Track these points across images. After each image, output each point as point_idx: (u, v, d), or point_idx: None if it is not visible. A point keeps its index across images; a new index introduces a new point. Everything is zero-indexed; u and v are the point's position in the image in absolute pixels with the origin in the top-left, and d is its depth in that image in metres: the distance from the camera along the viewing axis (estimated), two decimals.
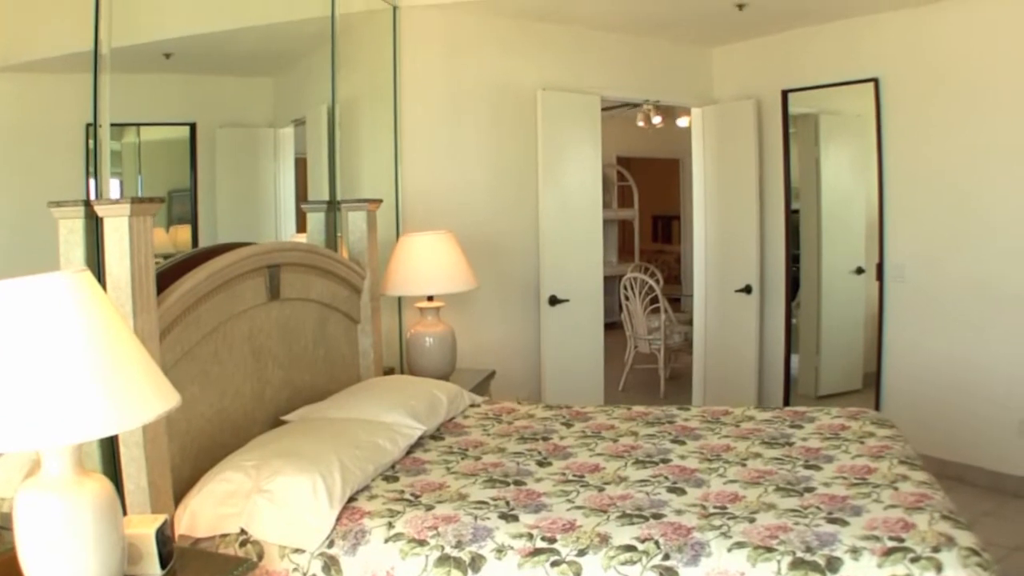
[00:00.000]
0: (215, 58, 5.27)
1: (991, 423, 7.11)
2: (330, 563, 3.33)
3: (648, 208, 17.85)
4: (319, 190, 5.98)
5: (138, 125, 4.58)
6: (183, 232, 4.92)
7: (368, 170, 6.63)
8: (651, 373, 11.28)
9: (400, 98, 6.82)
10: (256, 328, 4.49)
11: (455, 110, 7.17)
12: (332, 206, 5.82)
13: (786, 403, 8.62)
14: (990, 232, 7.11)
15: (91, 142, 3.74)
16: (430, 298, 6.26)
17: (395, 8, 6.80)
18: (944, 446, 7.29)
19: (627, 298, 11.20)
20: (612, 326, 11.66)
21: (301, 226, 5.83)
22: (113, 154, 4.02)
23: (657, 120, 11.76)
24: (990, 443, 7.12)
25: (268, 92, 5.76)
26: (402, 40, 6.86)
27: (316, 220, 5.74)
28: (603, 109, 8.19)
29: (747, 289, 8.70)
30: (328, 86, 5.97)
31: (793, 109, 8.57)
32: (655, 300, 10.92)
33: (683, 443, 4.55)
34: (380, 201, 5.93)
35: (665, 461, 4.23)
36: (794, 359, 8.98)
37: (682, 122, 10.86)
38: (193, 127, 4.92)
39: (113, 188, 4.13)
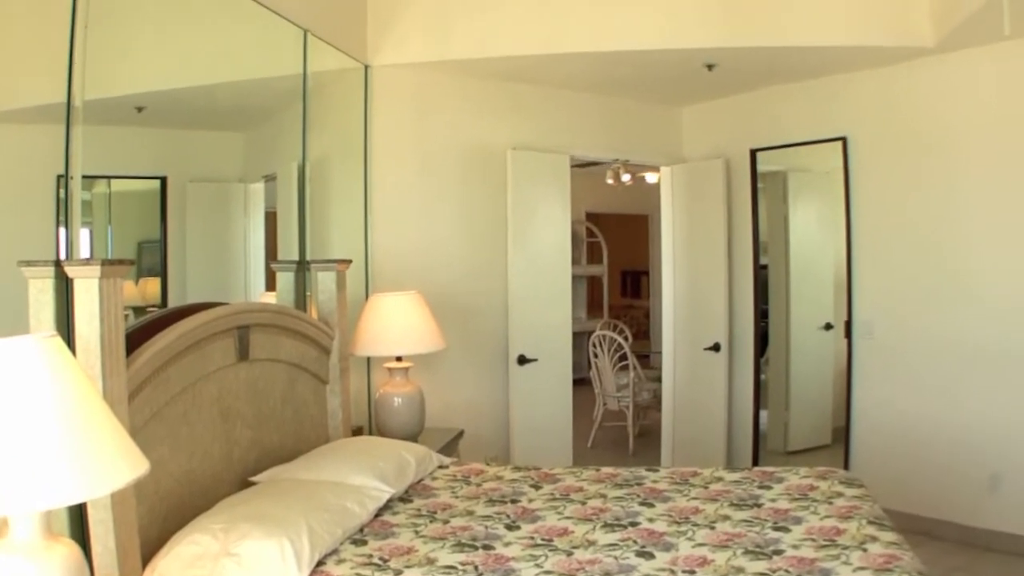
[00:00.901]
0: (187, 112, 5.29)
1: (961, 478, 7.14)
2: None
3: (617, 263, 17.90)
4: (289, 247, 5.98)
5: (109, 178, 4.58)
6: (152, 285, 4.90)
7: (338, 228, 6.64)
8: (620, 430, 11.27)
9: (371, 156, 6.85)
10: (225, 389, 4.48)
11: (425, 169, 7.21)
12: (301, 266, 5.82)
13: (755, 459, 8.66)
14: (958, 289, 7.19)
15: (62, 192, 3.73)
16: (399, 358, 6.26)
17: (367, 67, 6.85)
18: (914, 501, 7.32)
19: (596, 355, 11.20)
20: (581, 382, 11.68)
21: (271, 283, 5.82)
22: (84, 203, 4.02)
23: (626, 178, 11.81)
24: (960, 498, 7.14)
25: (239, 147, 5.76)
26: (373, 99, 6.90)
27: (285, 279, 5.74)
28: (573, 166, 8.23)
29: (716, 347, 8.72)
30: (299, 143, 5.99)
31: (762, 167, 8.64)
32: (624, 357, 10.92)
33: (652, 505, 4.54)
34: (349, 262, 5.94)
35: (634, 524, 4.23)
36: (763, 415, 8.99)
37: (651, 178, 10.93)
38: (164, 180, 4.92)
39: (83, 238, 4.12)
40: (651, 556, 3.74)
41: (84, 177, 3.86)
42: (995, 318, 6.98)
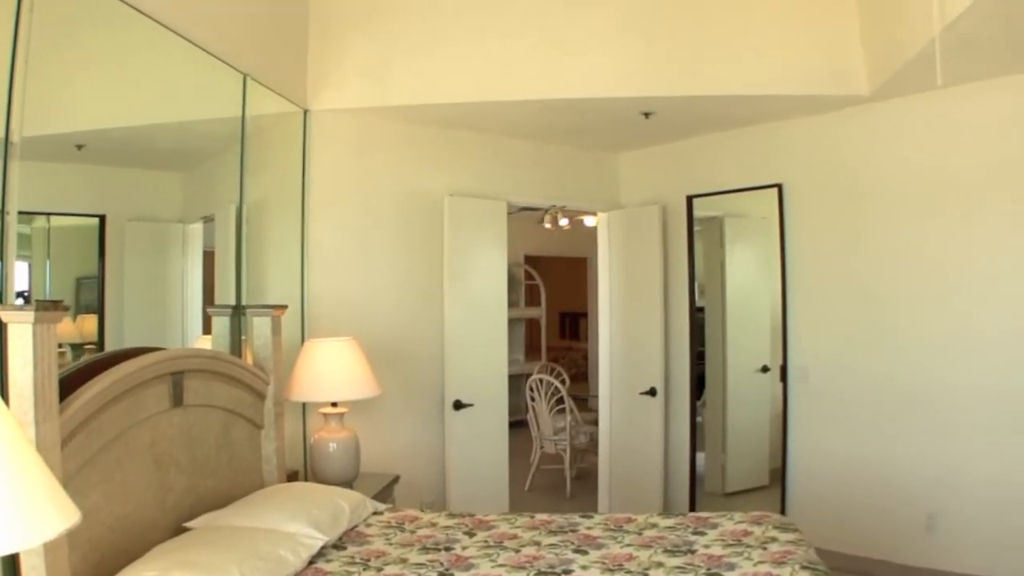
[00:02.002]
0: (127, 152, 5.27)
1: (898, 518, 7.23)
2: None
3: (556, 305, 17.94)
4: (226, 289, 5.96)
5: (48, 214, 4.56)
6: (90, 322, 4.86)
7: (275, 272, 6.63)
8: (558, 473, 11.26)
9: (308, 201, 6.86)
10: (159, 435, 4.45)
11: (363, 214, 7.23)
12: (237, 310, 5.81)
13: (692, 502, 8.68)
14: (891, 334, 7.31)
15: None
16: (334, 404, 6.24)
17: (306, 112, 6.87)
18: (853, 542, 7.42)
19: (533, 399, 11.20)
20: (519, 424, 11.68)
21: (208, 325, 5.80)
22: (22, 237, 4.00)
23: (564, 222, 11.85)
24: (898, 538, 7.23)
25: (179, 188, 5.74)
26: (312, 143, 6.92)
27: (221, 324, 5.73)
28: (511, 211, 8.25)
29: (652, 392, 8.76)
30: (237, 186, 5.99)
31: (699, 212, 8.72)
32: (561, 400, 10.93)
33: (586, 553, 4.56)
34: (285, 307, 5.92)
35: (567, 572, 4.24)
36: (701, 456, 9.04)
37: (589, 221, 10.96)
38: (103, 219, 4.91)
39: (22, 271, 4.10)
40: None
41: (22, 213, 3.85)
42: (927, 362, 7.11)
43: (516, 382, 11.55)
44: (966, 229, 6.89)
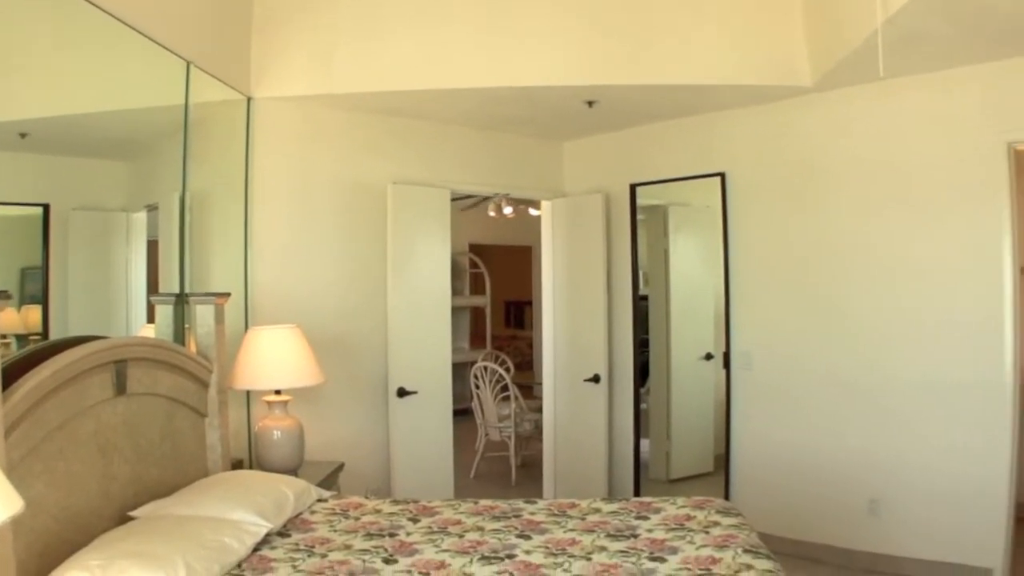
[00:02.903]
0: (71, 140, 5.25)
1: (841, 503, 7.32)
2: None
3: (501, 294, 17.94)
4: (170, 278, 5.95)
5: None
6: (34, 313, 4.85)
7: (219, 261, 6.61)
8: (503, 461, 11.30)
9: (251, 189, 6.83)
10: (103, 424, 4.44)
11: (306, 203, 7.21)
12: (180, 299, 5.79)
13: (637, 488, 8.73)
14: (832, 322, 7.40)
15: None
16: (278, 392, 6.24)
17: (249, 100, 6.84)
18: (796, 527, 7.50)
19: (478, 386, 11.21)
20: (464, 413, 11.70)
21: (152, 314, 5.78)
22: None
23: (508, 211, 11.87)
24: (841, 522, 7.32)
25: (123, 176, 5.72)
26: (256, 131, 6.89)
27: (164, 312, 5.70)
28: (456, 199, 8.26)
29: (595, 378, 8.80)
30: (181, 174, 5.97)
31: (642, 200, 8.76)
32: (506, 388, 10.96)
33: (529, 538, 4.59)
34: (228, 295, 5.91)
35: (511, 557, 4.27)
36: (645, 443, 9.08)
37: (534, 211, 10.98)
38: (47, 208, 4.89)
39: None
40: None
41: None
42: (869, 351, 7.19)
43: (461, 370, 11.57)
44: (908, 220, 6.97)
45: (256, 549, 4.33)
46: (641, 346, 9.00)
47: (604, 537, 4.58)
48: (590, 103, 7.55)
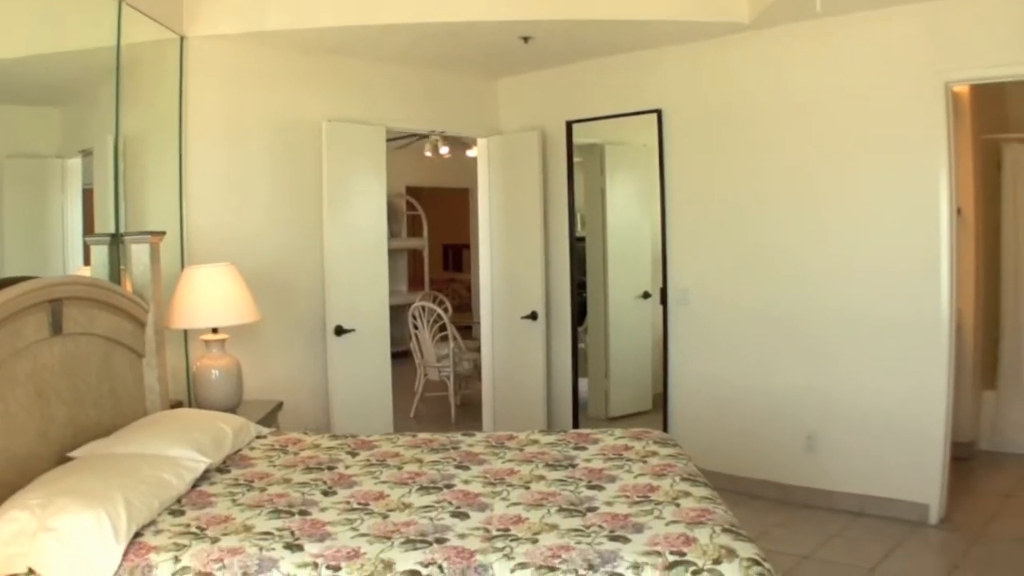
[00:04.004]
0: (2, 86, 5.20)
1: (779, 439, 7.44)
2: None
3: (439, 237, 17.96)
4: (106, 223, 5.92)
5: None
6: None
7: (154, 202, 6.57)
8: (442, 401, 11.35)
9: (185, 129, 6.78)
10: (39, 365, 4.42)
11: (241, 142, 7.16)
12: (116, 239, 5.76)
13: (575, 425, 8.76)
14: (771, 258, 7.48)
15: None
16: (215, 331, 6.25)
17: (182, 39, 6.77)
18: (734, 463, 7.62)
19: (416, 327, 11.25)
20: (403, 355, 11.71)
21: (88, 258, 5.75)
22: None
23: (444, 151, 11.86)
24: (778, 458, 7.44)
25: (57, 122, 5.69)
26: (188, 71, 6.82)
27: (99, 253, 5.67)
28: (392, 140, 8.23)
29: (533, 316, 8.85)
30: (114, 117, 5.92)
31: (579, 139, 8.78)
32: (444, 328, 11.00)
33: (467, 468, 4.64)
34: (163, 234, 5.89)
35: (449, 487, 4.31)
36: (584, 383, 9.15)
37: (471, 152, 11.00)
38: None
39: None
40: (466, 516, 3.83)
41: None
42: (805, 287, 7.30)
43: (399, 313, 11.58)
44: (845, 159, 7.04)
45: (196, 485, 4.34)
46: (579, 288, 9.05)
47: (542, 467, 4.63)
48: (525, 39, 7.53)
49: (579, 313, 9.15)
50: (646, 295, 9.17)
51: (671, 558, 3.27)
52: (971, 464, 8.22)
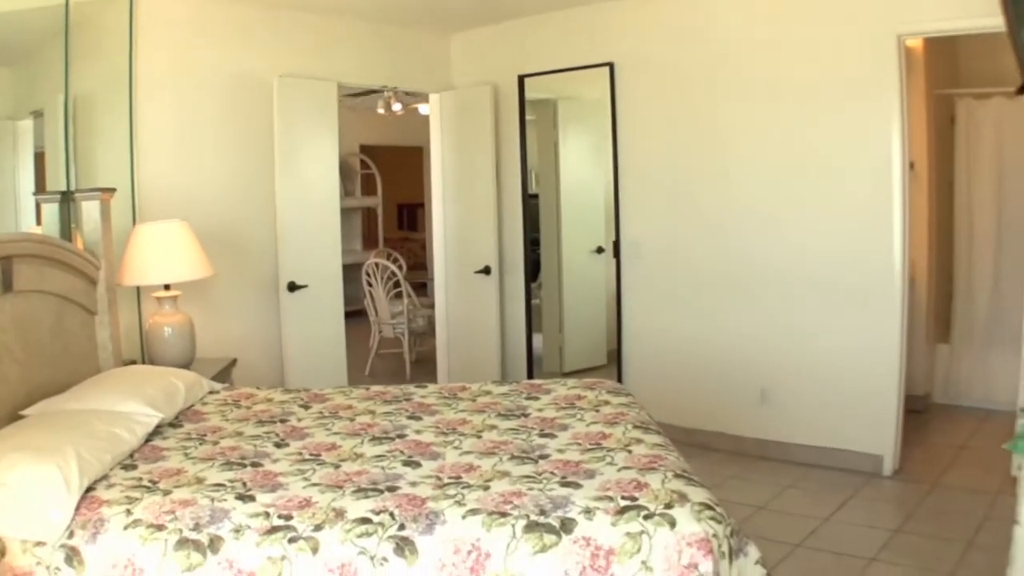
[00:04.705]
0: None
1: (733, 391, 7.52)
2: (72, 554, 3.30)
3: (393, 196, 17.89)
4: (56, 180, 5.89)
5: None
6: None
7: (105, 161, 6.52)
8: (397, 358, 11.36)
9: (136, 87, 6.72)
10: None
11: (193, 99, 7.11)
12: (67, 197, 5.74)
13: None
14: (724, 210, 7.52)
15: None
16: (167, 287, 6.25)
17: None
18: (689, 416, 7.70)
19: (370, 284, 11.24)
20: (359, 314, 11.72)
21: (40, 219, 5.73)
22: None
23: (397, 107, 11.83)
24: (733, 410, 7.54)
25: (6, 83, 5.67)
26: (139, 28, 6.74)
27: (50, 211, 5.66)
28: (346, 97, 8.20)
29: (486, 270, 8.87)
30: (64, 75, 5.88)
31: (532, 94, 8.78)
32: (398, 285, 11.01)
33: (420, 419, 4.68)
34: (114, 190, 5.86)
35: (401, 437, 4.36)
36: (539, 339, 9.19)
37: (424, 109, 10.97)
38: None
39: None
40: (418, 465, 3.87)
41: None
42: (759, 239, 7.33)
43: (354, 272, 11.55)
44: (798, 111, 7.08)
45: (148, 440, 4.35)
46: (532, 244, 9.07)
47: (494, 417, 4.68)
48: None
49: (533, 269, 9.19)
50: (600, 250, 9.23)
51: (623, 503, 3.32)
52: (925, 417, 8.35)
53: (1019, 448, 1.78)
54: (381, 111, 11.89)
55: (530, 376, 8.88)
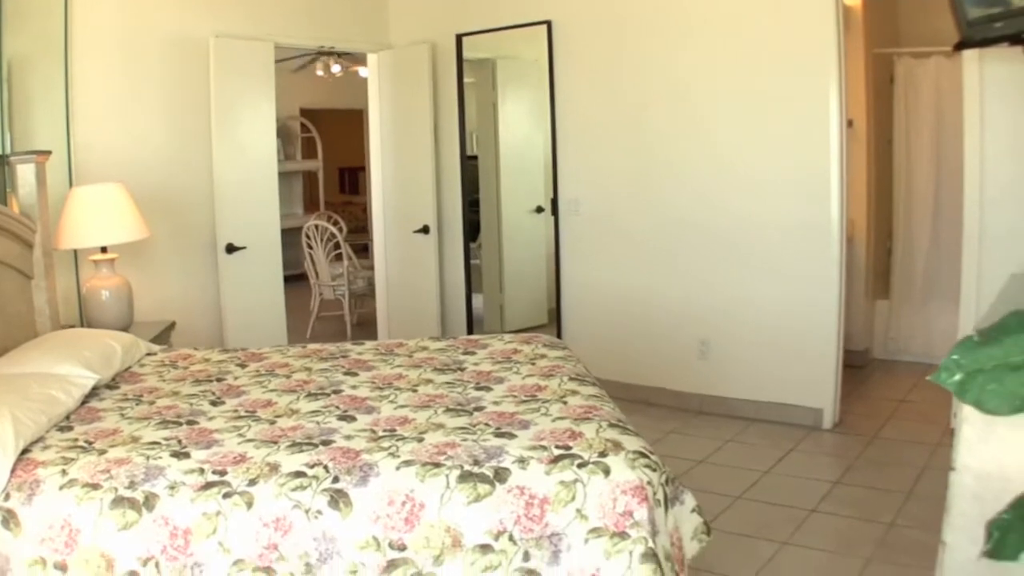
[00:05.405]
0: None
1: (672, 347, 7.59)
2: (8, 516, 3.29)
3: (334, 160, 17.87)
4: None
5: None
6: None
7: (40, 124, 6.46)
8: (338, 320, 11.37)
9: (72, 47, 6.64)
10: None
11: (129, 60, 7.02)
12: (1, 160, 5.69)
13: None
14: (662, 166, 7.57)
15: None
16: (104, 250, 6.23)
17: None
18: (629, 371, 7.76)
19: (310, 246, 11.23)
20: (301, 279, 11.71)
21: None
22: None
23: (336, 69, 11.80)
24: (673, 366, 7.59)
25: None
26: None
27: None
28: (286, 60, 8.15)
29: (425, 229, 8.88)
30: None
31: (471, 54, 8.78)
32: (339, 247, 11.01)
33: (356, 375, 4.71)
34: (49, 153, 5.80)
35: (337, 392, 4.38)
36: (480, 299, 9.22)
37: (364, 72, 10.96)
38: None
39: None
40: (353, 419, 3.90)
41: None
42: (696, 194, 7.38)
43: (295, 236, 11.53)
44: (736, 68, 7.14)
45: (85, 402, 4.34)
46: (472, 205, 9.10)
47: (431, 371, 4.72)
48: None
49: (473, 230, 9.21)
50: (539, 209, 9.25)
51: (557, 452, 3.36)
52: (866, 372, 8.48)
53: (940, 379, 1.83)
54: (320, 73, 11.88)
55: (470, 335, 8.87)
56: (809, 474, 6.20)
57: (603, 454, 3.33)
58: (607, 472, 3.25)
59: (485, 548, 3.16)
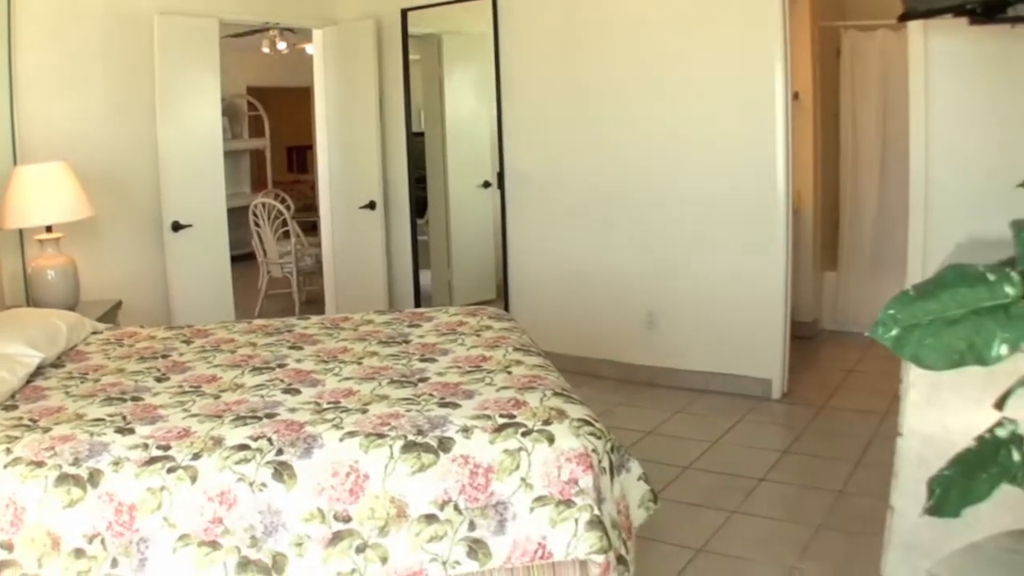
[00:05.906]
0: None
1: (620, 319, 7.63)
2: None
3: (282, 139, 17.80)
4: None
5: None
6: None
7: None
8: (287, 298, 11.33)
9: (14, 24, 6.59)
10: None
11: (72, 37, 6.94)
12: None
13: None
14: (608, 138, 7.60)
15: None
16: (49, 230, 6.19)
17: None
18: (577, 344, 7.78)
19: (257, 225, 11.20)
20: (248, 257, 11.67)
21: None
22: None
23: (282, 46, 11.76)
24: (620, 338, 7.64)
25: None
26: None
27: None
28: (232, 36, 8.10)
29: (371, 205, 8.88)
30: None
31: (416, 29, 8.79)
32: (286, 225, 10.98)
33: (301, 348, 4.73)
34: None
35: (282, 366, 4.40)
36: (428, 275, 9.25)
37: (311, 49, 10.93)
38: None
39: None
40: (297, 392, 3.92)
41: None
42: (640, 167, 7.44)
43: (243, 216, 11.48)
44: (682, 40, 7.18)
45: (30, 381, 4.33)
46: (419, 181, 9.10)
47: (376, 344, 4.75)
48: None
49: (420, 206, 9.21)
50: (487, 184, 9.29)
51: (501, 421, 3.39)
52: (814, 342, 8.58)
53: (877, 334, 1.85)
54: (266, 50, 11.82)
55: None
56: (758, 444, 6.26)
57: (547, 422, 3.37)
58: (551, 440, 3.29)
59: (430, 518, 3.19)
